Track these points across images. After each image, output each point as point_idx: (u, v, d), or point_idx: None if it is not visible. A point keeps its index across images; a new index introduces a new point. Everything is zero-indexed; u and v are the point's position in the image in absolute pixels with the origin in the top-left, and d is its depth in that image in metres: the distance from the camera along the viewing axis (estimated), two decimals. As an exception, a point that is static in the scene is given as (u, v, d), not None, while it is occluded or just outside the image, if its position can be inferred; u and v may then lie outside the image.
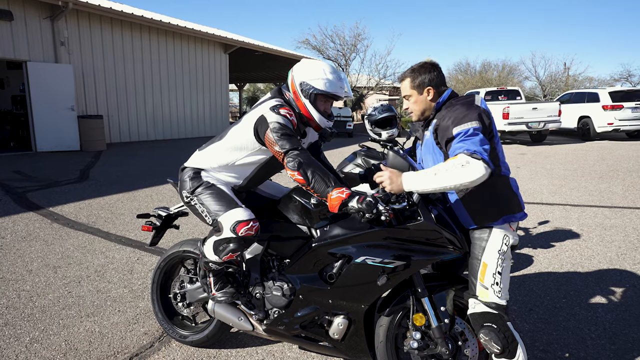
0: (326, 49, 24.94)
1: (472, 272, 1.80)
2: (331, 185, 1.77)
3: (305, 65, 2.06)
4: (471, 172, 1.54)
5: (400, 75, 2.01)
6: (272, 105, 1.95)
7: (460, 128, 1.70)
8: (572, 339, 2.50)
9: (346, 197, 1.71)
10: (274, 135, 1.87)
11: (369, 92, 25.42)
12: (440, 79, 1.93)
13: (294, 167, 1.82)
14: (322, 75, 1.99)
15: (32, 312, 2.81)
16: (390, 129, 3.33)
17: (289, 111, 1.96)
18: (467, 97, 1.88)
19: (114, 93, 11.89)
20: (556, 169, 8.41)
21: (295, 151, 1.84)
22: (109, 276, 3.40)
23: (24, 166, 8.22)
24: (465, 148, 1.61)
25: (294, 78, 2.05)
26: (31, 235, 4.31)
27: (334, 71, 2.04)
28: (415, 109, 1.94)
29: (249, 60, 18.93)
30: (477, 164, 1.55)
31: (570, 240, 4.23)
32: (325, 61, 2.07)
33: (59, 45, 10.22)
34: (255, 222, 1.94)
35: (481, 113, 1.74)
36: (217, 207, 1.98)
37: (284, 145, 1.86)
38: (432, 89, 1.89)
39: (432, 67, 1.92)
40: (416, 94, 1.92)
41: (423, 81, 1.90)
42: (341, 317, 1.92)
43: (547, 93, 28.08)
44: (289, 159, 1.84)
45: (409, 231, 1.76)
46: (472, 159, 1.56)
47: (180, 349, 2.43)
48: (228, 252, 1.94)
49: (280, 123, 1.89)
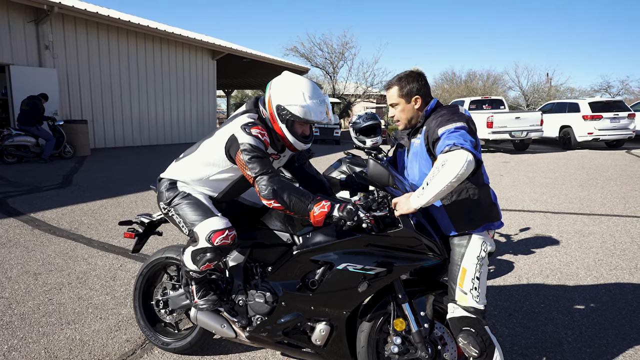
0: (314, 57, 25.16)
1: (451, 277, 1.84)
2: (310, 201, 1.76)
3: (284, 85, 1.94)
4: (453, 166, 1.55)
5: (387, 84, 2.01)
6: (244, 124, 1.88)
7: (444, 128, 1.75)
8: (550, 343, 2.56)
9: (328, 210, 1.73)
10: (245, 157, 1.82)
11: (356, 100, 25.64)
12: (427, 88, 1.97)
13: (268, 197, 1.77)
14: (301, 101, 1.89)
15: (10, 320, 2.76)
16: (375, 137, 3.38)
17: (261, 130, 1.88)
18: (452, 105, 1.94)
19: (99, 98, 11.76)
20: (538, 177, 8.60)
21: (265, 176, 1.78)
22: (91, 283, 3.36)
23: (5, 171, 8.05)
24: (446, 144, 1.64)
25: (271, 98, 1.96)
26: (11, 242, 4.22)
27: (315, 94, 1.93)
28: (402, 117, 1.96)
29: (236, 66, 18.94)
30: (456, 155, 1.56)
31: (550, 247, 4.34)
32: (306, 81, 2.00)
33: (43, 49, 10.09)
34: (231, 230, 1.93)
35: (465, 118, 1.80)
36: (193, 217, 1.97)
37: (254, 168, 1.80)
38: (420, 98, 1.92)
39: (419, 77, 1.95)
40: (404, 103, 1.94)
41: (411, 90, 1.92)
42: (323, 324, 1.94)
43: (530, 103, 28.73)
44: (260, 185, 1.78)
45: (389, 238, 1.80)
46: (449, 153, 1.58)
47: (163, 356, 2.42)
48: (205, 262, 1.94)
49: (252, 145, 1.82)
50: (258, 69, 19.85)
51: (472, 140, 1.68)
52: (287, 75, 2.00)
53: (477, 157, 1.59)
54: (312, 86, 1.96)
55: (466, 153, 1.56)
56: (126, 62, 12.37)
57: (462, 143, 1.61)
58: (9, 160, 8.62)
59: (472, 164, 1.57)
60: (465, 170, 1.55)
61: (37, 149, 8.99)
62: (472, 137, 1.73)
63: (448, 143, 1.64)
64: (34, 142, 8.88)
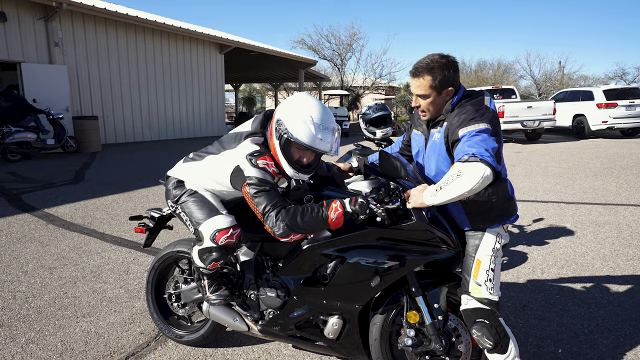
0: (322, 49, 24.97)
1: (465, 269, 1.81)
2: (321, 212, 1.68)
3: (294, 101, 1.80)
4: (468, 179, 1.49)
5: (414, 70, 1.76)
6: (250, 153, 1.78)
7: (466, 129, 1.63)
8: (566, 335, 2.52)
9: (342, 209, 1.69)
10: (251, 190, 1.74)
11: (364, 92, 25.45)
12: (458, 76, 1.78)
13: (284, 235, 1.69)
14: (302, 120, 1.72)
15: (27, 313, 2.81)
16: (385, 128, 3.34)
17: (268, 160, 1.78)
18: (477, 96, 1.78)
19: (109, 94, 11.85)
20: (551, 167, 8.46)
21: (272, 212, 1.69)
22: (105, 277, 3.40)
23: (18, 168, 8.18)
24: (465, 152, 1.55)
25: (277, 111, 1.82)
26: (26, 237, 4.29)
27: (323, 119, 1.74)
28: (432, 110, 1.79)
29: (244, 60, 18.90)
30: (473, 168, 1.49)
31: (564, 237, 4.27)
32: (319, 104, 1.82)
33: (53, 46, 10.16)
34: (236, 229, 1.90)
35: (490, 115, 1.67)
36: (198, 215, 1.95)
37: (260, 204, 1.71)
38: (453, 89, 1.75)
39: (453, 64, 1.75)
40: (435, 95, 1.75)
41: (445, 80, 1.72)
42: (336, 317, 1.93)
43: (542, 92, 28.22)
44: (270, 224, 1.70)
45: (402, 231, 1.77)
46: (467, 164, 1.51)
47: (177, 348, 2.44)
48: (211, 261, 1.94)
49: (258, 178, 1.73)
50: (266, 62, 19.78)
51: (494, 147, 1.57)
52: (300, 94, 1.87)
53: (495, 169, 1.52)
54: (322, 110, 1.78)
55: (484, 167, 1.48)
56: (135, 58, 12.42)
57: (482, 154, 1.51)
58: (12, 158, 8.67)
59: (490, 178, 1.50)
60: (480, 185, 1.50)
61: (39, 143, 9.04)
62: (496, 141, 1.62)
63: (467, 151, 1.54)
64: (35, 137, 8.91)
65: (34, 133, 8.94)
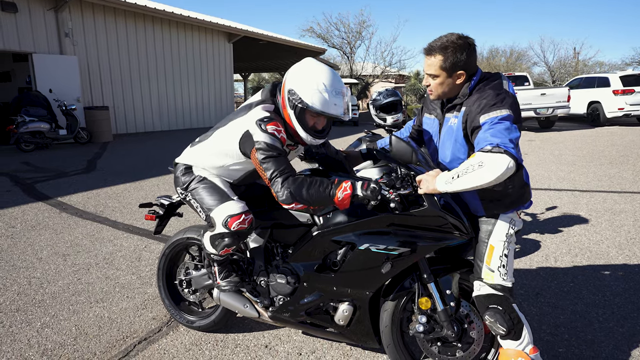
0: (331, 37, 24.72)
1: (478, 255, 1.78)
2: (330, 188, 1.66)
3: (301, 69, 1.80)
4: (490, 170, 1.42)
5: (428, 48, 1.70)
6: (259, 119, 1.77)
7: (487, 116, 1.56)
8: (580, 322, 2.48)
9: (351, 190, 1.66)
10: (259, 156, 1.72)
11: (374, 80, 25.18)
12: (474, 61, 1.70)
13: (287, 201, 1.67)
14: (314, 88, 1.72)
15: (42, 299, 2.86)
16: (396, 114, 3.28)
17: (277, 126, 1.76)
18: (495, 79, 1.71)
19: (120, 84, 11.91)
20: (565, 155, 8.30)
21: (279, 178, 1.68)
22: (117, 263, 3.44)
23: (32, 157, 8.29)
24: (488, 142, 1.48)
25: (286, 82, 1.82)
26: (40, 225, 4.36)
27: (333, 85, 1.74)
28: (439, 91, 1.74)
29: (253, 49, 18.81)
30: (498, 159, 1.42)
31: (578, 226, 4.19)
32: (327, 69, 1.81)
33: (63, 36, 10.22)
34: (248, 214, 1.90)
35: (511, 101, 1.60)
36: (209, 201, 1.94)
37: (269, 169, 1.70)
38: (465, 73, 1.68)
39: (469, 47, 1.66)
40: (444, 76, 1.69)
41: (456, 63, 1.65)
42: (346, 304, 1.92)
43: (556, 78, 27.62)
44: (276, 191, 1.68)
45: (413, 217, 1.74)
46: (491, 154, 1.44)
47: (188, 334, 2.46)
48: (224, 247, 1.93)
49: (267, 143, 1.72)
50: (274, 51, 19.66)
51: (517, 137, 1.50)
52: (307, 60, 1.86)
53: (519, 161, 1.44)
54: (331, 75, 1.77)
55: (508, 159, 1.42)
56: (144, 48, 12.43)
57: (506, 144, 1.45)
58: (26, 147, 8.81)
59: (512, 170, 1.44)
60: (502, 177, 1.44)
61: (52, 134, 9.17)
62: (517, 129, 1.56)
63: (491, 141, 1.47)
64: (48, 128, 9.03)
65: (48, 123, 9.05)
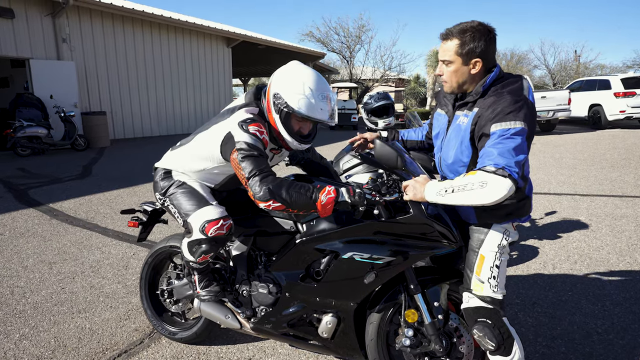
0: (330, 41, 24.76)
1: (468, 264, 1.69)
2: (312, 191, 1.57)
3: (286, 73, 1.75)
4: (491, 192, 1.37)
5: (445, 33, 1.59)
6: (242, 120, 1.72)
7: (499, 126, 1.45)
8: (578, 334, 2.38)
9: (335, 194, 1.58)
10: (238, 156, 1.65)
11: (374, 84, 25.16)
12: (493, 51, 1.58)
13: (264, 198, 1.57)
14: (300, 92, 1.67)
15: (24, 309, 2.78)
16: (387, 118, 3.21)
17: (260, 127, 1.71)
18: (515, 81, 1.58)
19: (117, 89, 11.88)
20: (565, 158, 8.20)
21: (257, 177, 1.60)
22: (104, 272, 3.36)
23: (28, 163, 8.25)
24: (493, 161, 1.40)
25: (270, 86, 1.77)
26: (29, 232, 4.29)
27: (318, 88, 1.70)
28: (453, 79, 1.61)
29: (252, 54, 18.80)
30: (500, 183, 1.36)
31: (578, 231, 4.09)
32: (312, 72, 1.77)
33: (60, 42, 10.21)
34: (226, 220, 1.83)
35: (528, 112, 1.48)
36: (187, 206, 1.88)
37: (246, 168, 1.62)
38: (481, 62, 1.56)
39: (489, 34, 1.54)
40: (459, 63, 1.57)
41: (474, 49, 1.53)
42: (330, 315, 1.83)
43: (556, 81, 27.54)
44: (253, 188, 1.60)
45: (398, 225, 1.66)
46: (494, 176, 1.37)
47: (170, 346, 2.37)
48: (201, 254, 1.86)
49: (248, 143, 1.66)
50: (273, 55, 19.64)
51: (523, 160, 1.42)
52: (293, 64, 1.81)
53: (519, 185, 1.39)
54: (316, 78, 1.73)
55: (510, 184, 1.36)
56: (142, 53, 12.42)
57: (511, 168, 1.38)
58: (23, 152, 8.78)
59: (511, 193, 1.38)
60: (500, 200, 1.39)
61: (49, 139, 9.14)
62: (527, 147, 1.47)
63: (497, 162, 1.39)
64: (45, 133, 9.00)
65: (45, 129, 9.02)
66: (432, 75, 25.31)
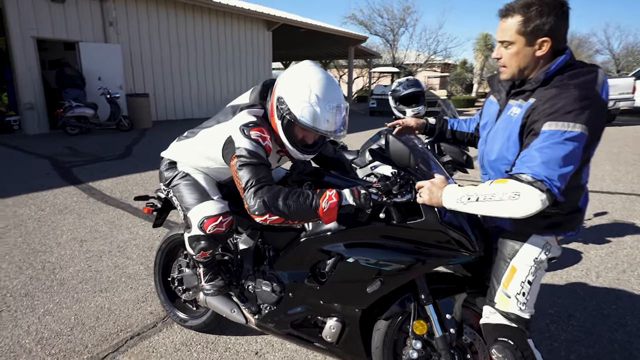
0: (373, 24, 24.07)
1: (495, 274, 1.49)
2: (312, 198, 1.43)
3: (295, 75, 1.59)
4: (522, 206, 1.21)
5: (504, 8, 1.35)
6: (244, 124, 1.59)
7: (553, 126, 1.22)
8: (618, 355, 2.13)
9: (337, 199, 1.44)
10: (237, 163, 1.54)
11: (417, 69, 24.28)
12: (565, 30, 1.32)
13: (260, 211, 1.45)
14: (305, 99, 1.51)
15: (51, 285, 2.90)
16: (417, 107, 3.00)
17: (262, 133, 1.58)
18: (588, 71, 1.30)
19: (160, 71, 12.21)
20: (624, 153, 7.48)
21: (252, 188, 1.48)
22: (129, 252, 3.44)
23: (75, 141, 8.70)
24: (532, 171, 1.21)
25: (277, 86, 1.63)
26: (67, 209, 4.50)
27: (327, 96, 1.53)
28: (513, 64, 1.36)
29: (293, 37, 18.64)
30: (535, 197, 1.19)
31: (631, 236, 3.69)
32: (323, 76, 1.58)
33: (107, 25, 10.57)
34: (226, 216, 1.75)
35: (594, 114, 1.24)
36: (188, 199, 1.82)
37: (243, 177, 1.51)
38: (550, 41, 1.29)
39: (560, 8, 1.28)
40: (522, 43, 1.32)
41: (540, 27, 1.28)
42: (334, 320, 1.73)
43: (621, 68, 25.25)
44: (248, 201, 1.48)
45: (408, 230, 1.50)
46: (530, 189, 1.20)
47: (181, 332, 2.38)
48: (200, 250, 1.81)
49: (248, 150, 1.54)
50: (315, 39, 19.39)
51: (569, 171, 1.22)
52: (302, 64, 1.64)
53: (557, 199, 1.21)
54: (326, 85, 1.55)
55: (545, 200, 1.19)
56: (184, 36, 12.65)
57: (552, 182, 1.19)
58: (72, 131, 9.29)
59: (541, 209, 1.21)
60: (531, 215, 1.23)
61: (95, 119, 9.58)
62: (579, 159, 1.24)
63: (536, 172, 1.20)
64: (92, 113, 9.44)
65: (92, 109, 9.46)
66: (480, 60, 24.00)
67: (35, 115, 9.65)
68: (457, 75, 23.56)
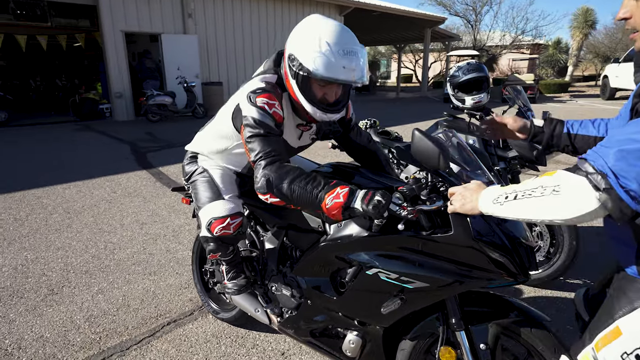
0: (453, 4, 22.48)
1: (592, 325, 1.10)
2: (321, 189, 1.31)
3: (303, 28, 1.47)
4: (566, 205, 0.91)
5: None
6: (251, 90, 1.50)
7: None
8: None
9: (345, 200, 1.27)
10: (246, 133, 1.46)
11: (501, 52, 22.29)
12: None
13: (262, 190, 1.39)
14: (315, 49, 1.38)
15: (109, 264, 3.11)
16: (478, 94, 2.64)
17: (270, 99, 1.47)
18: None
19: (234, 60, 12.67)
20: None
21: (262, 161, 1.40)
22: (182, 237, 3.58)
23: (155, 128, 9.40)
24: (597, 161, 0.89)
25: (286, 45, 1.52)
26: (136, 192, 4.83)
27: (339, 42, 1.39)
28: None
29: (366, 21, 18.15)
30: (583, 193, 0.89)
31: None
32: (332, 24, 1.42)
33: (186, 17, 11.18)
34: (235, 218, 1.66)
35: None
36: (202, 198, 1.76)
37: (253, 150, 1.43)
38: None
39: None
40: None
41: None
42: (354, 334, 1.57)
43: None
44: (256, 173, 1.41)
45: (435, 244, 1.28)
46: (579, 180, 0.90)
47: (214, 323, 2.39)
48: (209, 252, 1.75)
49: (255, 119, 1.45)
50: (389, 22, 18.68)
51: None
52: (309, 18, 1.50)
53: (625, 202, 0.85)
54: (337, 31, 1.41)
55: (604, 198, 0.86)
56: (257, 24, 12.95)
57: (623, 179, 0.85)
58: (153, 118, 10.10)
59: (600, 215, 0.89)
60: (583, 219, 0.91)
61: (173, 107, 10.26)
62: None
63: (601, 163, 0.88)
64: (170, 101, 10.17)
65: (170, 97, 10.16)
66: (578, 38, 21.25)
67: (124, 103, 10.61)
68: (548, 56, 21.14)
